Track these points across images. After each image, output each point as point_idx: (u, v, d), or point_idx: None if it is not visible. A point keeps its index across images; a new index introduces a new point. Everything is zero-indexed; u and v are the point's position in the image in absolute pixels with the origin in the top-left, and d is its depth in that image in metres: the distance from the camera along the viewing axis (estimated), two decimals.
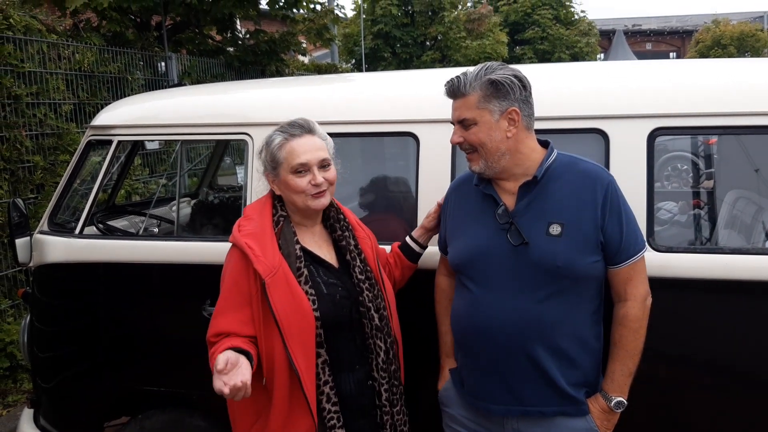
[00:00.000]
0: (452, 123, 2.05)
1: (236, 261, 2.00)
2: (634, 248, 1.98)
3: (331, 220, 2.19)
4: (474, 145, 1.98)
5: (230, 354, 1.80)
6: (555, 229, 1.94)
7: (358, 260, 2.14)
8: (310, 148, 2.06)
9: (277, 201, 2.12)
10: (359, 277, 2.11)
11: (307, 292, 1.98)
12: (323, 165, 2.07)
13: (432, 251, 2.41)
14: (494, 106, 1.94)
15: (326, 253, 2.14)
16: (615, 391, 2.00)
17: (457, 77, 1.99)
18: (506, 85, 1.93)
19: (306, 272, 2.01)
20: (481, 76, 1.95)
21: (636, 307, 2.00)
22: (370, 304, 2.08)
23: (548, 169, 1.99)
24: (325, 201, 2.09)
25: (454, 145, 2.13)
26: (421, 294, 2.39)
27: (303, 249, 2.06)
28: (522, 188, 2.00)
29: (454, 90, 2.00)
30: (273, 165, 2.07)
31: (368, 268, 2.15)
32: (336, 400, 2.00)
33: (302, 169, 2.04)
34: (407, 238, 2.39)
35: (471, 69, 2.01)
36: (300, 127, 2.08)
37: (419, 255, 2.39)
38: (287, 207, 2.12)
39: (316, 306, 1.98)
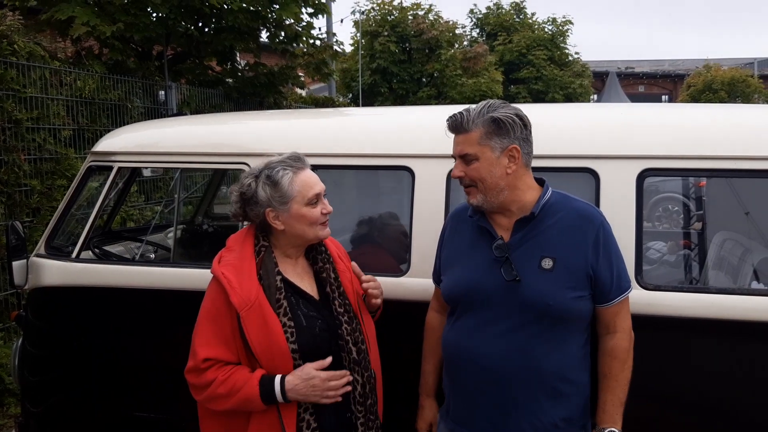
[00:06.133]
0: (453, 157, 2.07)
1: (218, 291, 2.03)
2: (623, 286, 2.03)
3: (314, 251, 2.20)
4: (474, 180, 2.01)
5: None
6: (547, 263, 1.97)
7: (337, 293, 2.14)
8: (317, 179, 2.12)
9: (259, 232, 2.13)
10: (338, 309, 2.11)
11: (285, 324, 1.99)
12: (324, 195, 2.13)
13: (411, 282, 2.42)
14: (495, 143, 1.97)
15: (307, 285, 2.15)
16: (607, 422, 2.03)
17: (460, 113, 2.01)
18: (508, 123, 1.97)
19: (286, 304, 2.02)
20: (484, 113, 1.98)
21: (624, 338, 2.05)
22: (348, 337, 2.09)
23: (544, 206, 2.03)
24: (329, 230, 2.15)
25: (452, 179, 2.15)
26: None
27: (284, 280, 2.08)
28: (518, 223, 2.03)
29: (456, 126, 2.02)
30: (283, 200, 2.06)
31: (347, 301, 2.15)
32: (315, 425, 2.02)
33: (317, 200, 2.09)
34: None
35: (474, 106, 2.03)
36: (300, 160, 2.12)
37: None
38: (277, 239, 2.12)
39: (294, 338, 1.99)
